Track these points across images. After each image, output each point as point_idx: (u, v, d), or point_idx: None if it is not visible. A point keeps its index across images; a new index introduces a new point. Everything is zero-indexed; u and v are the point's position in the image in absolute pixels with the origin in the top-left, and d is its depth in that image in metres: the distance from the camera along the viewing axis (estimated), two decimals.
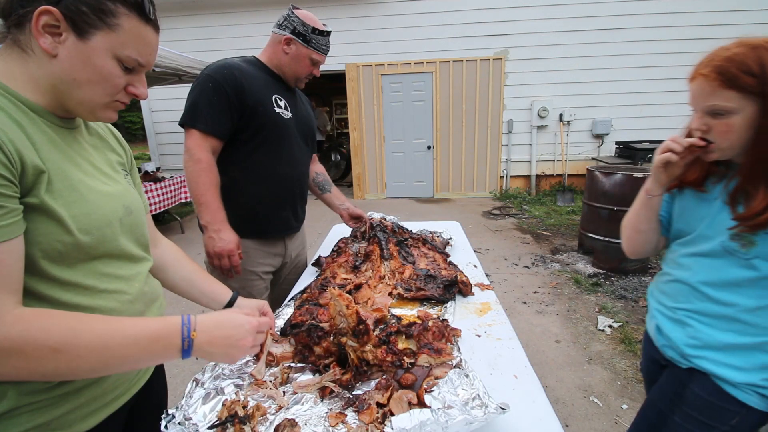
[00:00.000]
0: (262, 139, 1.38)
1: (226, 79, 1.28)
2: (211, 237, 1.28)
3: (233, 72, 1.30)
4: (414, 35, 6.28)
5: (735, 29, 5.78)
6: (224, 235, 1.29)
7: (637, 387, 2.07)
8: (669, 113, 6.15)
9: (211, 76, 1.28)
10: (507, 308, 2.90)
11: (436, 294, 1.27)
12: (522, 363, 0.98)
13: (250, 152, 1.38)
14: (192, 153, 1.26)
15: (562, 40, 6.06)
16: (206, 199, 1.27)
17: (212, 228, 1.28)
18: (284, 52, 1.39)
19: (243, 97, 1.30)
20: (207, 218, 1.27)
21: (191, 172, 1.26)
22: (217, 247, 1.28)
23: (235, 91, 1.28)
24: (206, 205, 1.27)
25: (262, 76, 1.40)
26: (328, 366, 0.92)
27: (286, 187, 1.48)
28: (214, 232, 1.28)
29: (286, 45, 1.37)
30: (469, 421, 0.68)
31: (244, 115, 1.32)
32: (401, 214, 5.43)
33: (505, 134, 6.54)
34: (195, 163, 1.26)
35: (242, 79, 1.30)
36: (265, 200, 1.44)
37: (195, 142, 1.26)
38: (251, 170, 1.39)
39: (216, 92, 1.26)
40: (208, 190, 1.27)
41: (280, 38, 1.38)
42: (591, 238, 3.56)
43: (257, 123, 1.35)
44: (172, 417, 0.76)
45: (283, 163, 1.44)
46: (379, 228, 1.66)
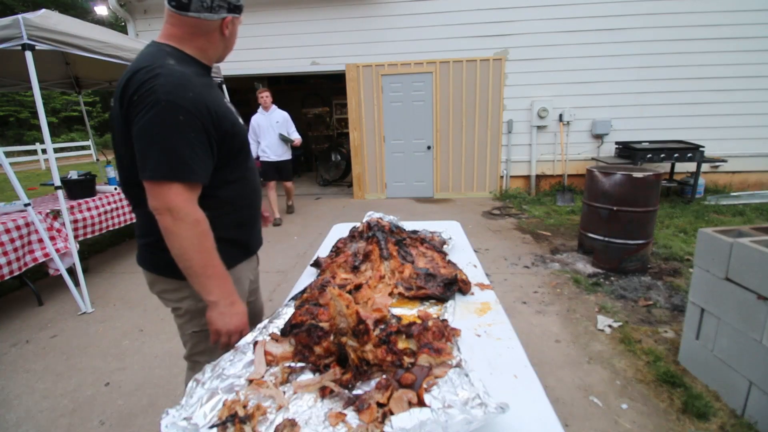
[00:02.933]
0: (239, 160, 1.17)
1: (198, 107, 0.98)
2: (224, 313, 1.05)
3: (200, 92, 1.00)
4: (414, 35, 6.28)
5: (735, 29, 5.79)
6: (238, 308, 1.08)
7: (637, 387, 2.07)
8: (669, 113, 6.16)
9: (179, 105, 0.95)
10: (507, 308, 2.89)
11: (437, 292, 1.28)
12: (522, 363, 0.98)
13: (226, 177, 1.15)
14: (183, 214, 0.97)
15: (562, 40, 6.06)
16: (215, 269, 1.02)
17: (225, 302, 1.05)
18: (222, 37, 1.12)
19: (219, 123, 1.04)
20: (218, 292, 1.03)
21: (189, 239, 0.98)
22: (231, 325, 1.06)
23: (212, 120, 1.02)
24: (216, 277, 1.03)
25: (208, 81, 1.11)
26: (328, 366, 0.92)
27: (259, 198, 1.32)
28: (228, 306, 1.05)
29: (226, 28, 1.11)
30: (469, 421, 0.68)
31: (223, 143, 1.08)
32: (401, 214, 5.43)
33: (505, 134, 6.54)
34: (193, 226, 0.98)
35: (210, 98, 1.04)
36: (248, 220, 1.27)
37: (183, 197, 0.97)
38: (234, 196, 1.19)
39: (191, 127, 0.97)
40: (215, 257, 1.03)
41: (215, 24, 1.08)
42: (591, 238, 3.56)
43: (234, 145, 1.12)
44: (172, 417, 0.76)
45: (254, 176, 1.27)
46: (377, 228, 1.66)
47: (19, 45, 2.74)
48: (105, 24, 17.15)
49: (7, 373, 2.41)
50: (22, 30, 2.70)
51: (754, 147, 6.21)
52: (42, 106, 2.83)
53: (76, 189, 3.76)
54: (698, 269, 2.11)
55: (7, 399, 2.17)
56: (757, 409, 1.77)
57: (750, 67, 5.89)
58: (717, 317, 1.98)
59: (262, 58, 6.56)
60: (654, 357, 2.26)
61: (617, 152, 6.15)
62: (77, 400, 2.14)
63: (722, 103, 6.07)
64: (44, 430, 1.95)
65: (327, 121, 10.16)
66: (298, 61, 6.59)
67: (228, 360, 0.97)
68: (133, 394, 2.18)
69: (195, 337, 1.23)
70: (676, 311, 2.78)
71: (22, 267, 3.03)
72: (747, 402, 1.82)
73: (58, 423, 1.99)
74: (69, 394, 2.19)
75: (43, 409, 2.09)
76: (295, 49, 6.52)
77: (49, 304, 3.30)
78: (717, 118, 6.13)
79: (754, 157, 6.24)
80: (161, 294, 1.21)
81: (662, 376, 2.10)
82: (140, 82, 0.95)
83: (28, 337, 2.80)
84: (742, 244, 1.83)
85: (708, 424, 1.81)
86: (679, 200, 5.85)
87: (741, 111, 6.07)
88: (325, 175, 8.53)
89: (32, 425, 1.98)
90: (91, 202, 3.78)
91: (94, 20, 15.83)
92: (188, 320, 1.21)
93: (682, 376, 2.09)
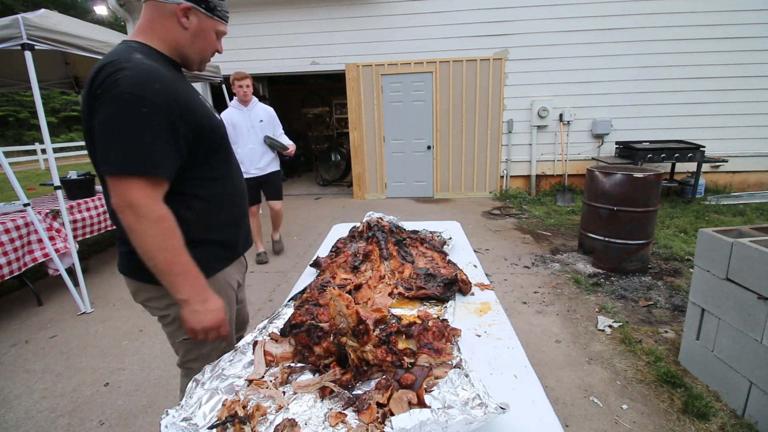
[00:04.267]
0: (218, 158, 1.12)
1: (164, 98, 0.93)
2: (196, 311, 1.00)
3: (167, 84, 0.95)
4: (414, 35, 6.28)
5: (735, 29, 5.79)
6: (211, 305, 1.03)
7: (637, 387, 2.07)
8: (669, 113, 6.16)
9: (143, 97, 0.90)
10: (507, 308, 2.90)
11: (437, 292, 1.27)
12: (522, 363, 0.98)
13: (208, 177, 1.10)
14: (145, 211, 0.92)
15: (562, 40, 6.06)
16: (181, 267, 0.97)
17: (196, 300, 1.00)
18: (182, 27, 1.04)
19: (188, 116, 0.99)
20: (188, 290, 0.99)
21: (152, 236, 0.93)
22: (206, 322, 1.02)
23: (180, 113, 0.96)
24: (184, 275, 0.98)
25: (177, 75, 1.06)
26: (328, 366, 0.92)
27: (244, 198, 1.27)
28: (200, 303, 1.00)
29: (184, 17, 1.03)
30: (469, 421, 0.68)
31: (199, 140, 1.02)
32: (401, 214, 5.43)
33: (505, 134, 6.54)
34: (155, 223, 0.93)
35: (179, 91, 0.98)
36: (234, 221, 1.22)
37: (146, 193, 0.92)
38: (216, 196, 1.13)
39: (156, 120, 0.92)
40: (182, 254, 0.97)
41: (171, 8, 1.01)
42: (591, 238, 3.56)
43: (210, 141, 1.07)
44: (172, 417, 0.76)
45: (237, 174, 1.23)
46: (377, 228, 1.66)
47: (18, 45, 2.73)
48: (105, 24, 17.15)
49: (6, 373, 2.41)
50: (21, 30, 2.70)
51: (755, 147, 6.21)
52: (41, 106, 2.83)
53: (75, 189, 3.76)
54: (698, 269, 2.11)
55: (6, 399, 2.17)
56: (758, 409, 1.76)
57: (750, 67, 5.89)
58: (717, 317, 1.98)
59: (262, 58, 6.56)
60: (654, 357, 2.26)
61: (617, 152, 6.15)
62: (77, 401, 2.14)
63: (722, 103, 6.07)
64: (44, 430, 1.94)
65: (327, 121, 10.16)
66: (298, 61, 6.58)
67: (228, 360, 0.97)
68: (132, 394, 2.18)
69: (186, 344, 1.20)
70: (677, 311, 2.78)
71: (21, 267, 3.03)
72: (747, 402, 1.82)
73: (57, 423, 1.98)
74: (68, 395, 2.19)
75: (42, 409, 2.09)
76: (295, 49, 6.52)
77: (48, 305, 3.30)
78: (717, 118, 6.13)
79: (755, 157, 6.24)
80: (146, 302, 1.16)
81: (662, 377, 2.09)
82: (105, 76, 0.92)
83: (27, 337, 2.80)
84: (742, 244, 1.83)
85: (708, 424, 1.81)
86: (680, 200, 5.85)
87: (741, 111, 6.06)
88: (325, 175, 8.53)
89: (32, 425, 1.97)
90: (91, 202, 3.78)
91: (93, 20, 15.83)
92: (177, 328, 1.16)
93: (682, 376, 2.09)
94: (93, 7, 21.42)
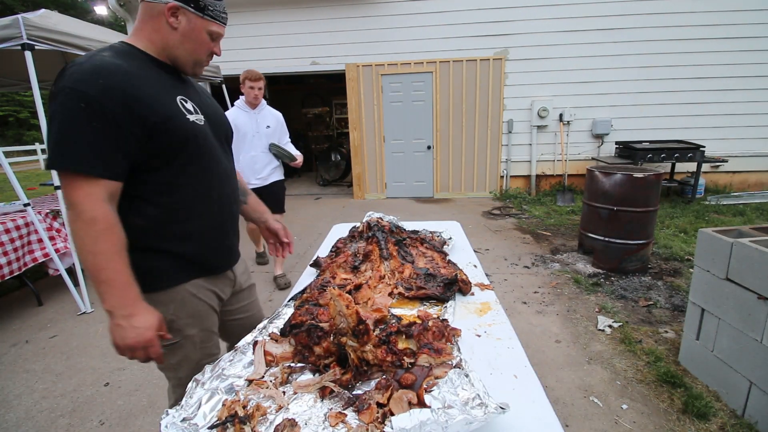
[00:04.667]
0: (183, 162, 1.04)
1: (107, 93, 0.89)
2: (120, 325, 0.92)
3: (116, 79, 0.91)
4: (414, 35, 6.28)
5: (735, 29, 5.79)
6: (138, 321, 0.93)
7: (637, 387, 2.07)
8: (669, 113, 6.16)
9: (82, 92, 0.87)
10: (507, 308, 2.90)
11: (437, 292, 1.27)
12: (522, 363, 0.98)
13: (169, 180, 1.03)
14: (79, 210, 0.88)
15: (562, 40, 6.06)
16: (108, 274, 0.90)
17: (120, 313, 0.92)
18: (171, 27, 1.01)
19: (139, 113, 0.93)
20: (112, 301, 0.91)
21: (83, 237, 0.89)
22: (129, 339, 0.93)
23: (125, 109, 0.91)
24: (109, 283, 0.91)
25: (152, 74, 1.01)
26: (328, 366, 0.92)
27: (226, 209, 1.18)
28: (124, 318, 0.92)
29: (172, 17, 1.00)
30: (469, 421, 0.68)
31: (148, 137, 0.96)
32: (401, 214, 5.43)
33: (505, 134, 6.54)
34: (87, 224, 0.88)
35: (131, 86, 0.93)
36: (203, 234, 1.12)
37: (82, 192, 0.88)
38: (177, 202, 1.05)
39: (94, 115, 0.87)
40: (112, 261, 0.91)
41: (159, 8, 0.99)
42: (591, 238, 3.56)
43: (170, 143, 1.00)
44: (172, 417, 0.76)
45: (215, 183, 1.13)
46: (377, 228, 1.66)
47: (18, 45, 2.73)
48: (105, 24, 17.16)
49: (6, 373, 2.41)
50: (21, 30, 2.70)
51: (755, 147, 6.21)
52: (42, 106, 2.82)
53: None
54: (698, 269, 2.11)
55: (6, 399, 2.17)
56: (758, 409, 1.77)
57: (750, 67, 5.89)
58: (717, 317, 1.98)
59: (262, 58, 6.56)
60: (654, 357, 2.26)
61: (617, 152, 6.15)
62: (77, 401, 2.14)
63: (722, 103, 6.07)
64: (44, 430, 1.95)
65: (327, 121, 10.16)
66: (298, 61, 6.58)
67: (228, 360, 0.97)
68: (132, 394, 2.18)
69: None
70: (677, 311, 2.78)
71: (21, 267, 3.03)
72: (747, 402, 1.82)
73: (57, 423, 1.99)
74: (68, 395, 2.19)
75: (42, 409, 2.09)
76: (295, 49, 6.52)
77: (48, 305, 3.30)
78: (717, 118, 6.13)
79: (755, 157, 6.24)
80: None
81: (662, 377, 2.09)
82: (60, 73, 0.92)
83: (27, 337, 2.80)
84: (742, 244, 1.83)
85: (708, 424, 1.81)
86: (680, 200, 5.85)
87: (741, 111, 6.06)
88: (325, 175, 8.53)
89: (32, 425, 1.98)
90: None
91: (93, 20, 15.84)
92: None
93: (682, 376, 2.09)
94: (93, 7, 21.43)
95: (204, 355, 1.19)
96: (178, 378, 1.20)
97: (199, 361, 1.18)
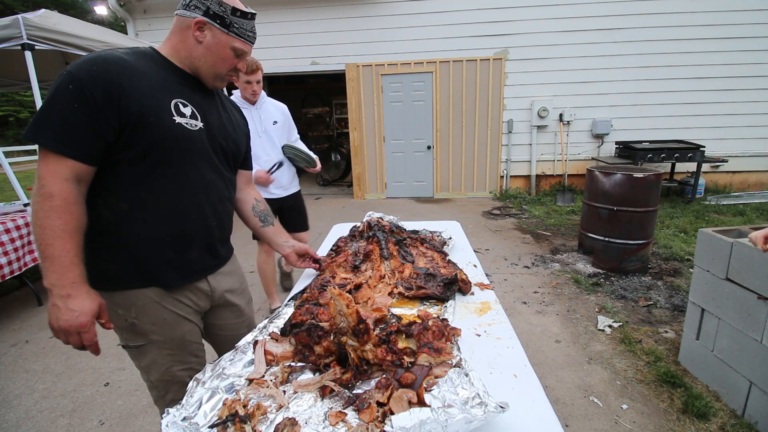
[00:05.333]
0: (157, 160, 1.02)
1: (95, 79, 0.92)
2: (56, 305, 0.91)
3: (108, 68, 0.94)
4: (414, 35, 6.28)
5: (735, 29, 5.79)
6: (74, 304, 0.92)
7: (637, 387, 2.07)
8: (669, 113, 6.16)
9: (74, 75, 0.91)
10: (507, 308, 2.90)
11: (437, 292, 1.27)
12: (522, 362, 0.98)
13: (140, 178, 1.02)
14: (40, 184, 0.90)
15: (562, 40, 6.06)
16: (53, 251, 0.90)
17: (58, 293, 0.91)
18: (197, 41, 1.05)
19: (120, 102, 0.94)
20: (52, 279, 0.90)
21: (36, 211, 0.90)
22: (62, 321, 0.91)
23: (107, 96, 0.92)
24: (52, 260, 0.90)
25: (158, 74, 1.04)
26: (329, 365, 0.92)
27: (196, 220, 1.12)
28: (60, 298, 0.91)
29: (198, 31, 1.04)
30: (468, 420, 0.68)
31: (126, 128, 0.96)
32: (401, 214, 5.43)
33: (505, 134, 6.54)
34: (43, 199, 0.89)
35: (121, 77, 0.95)
36: (165, 241, 1.08)
37: (48, 168, 0.90)
38: (143, 202, 1.03)
39: (78, 98, 0.90)
40: (59, 238, 0.90)
41: (188, 22, 1.04)
42: (591, 238, 3.56)
43: (146, 138, 0.99)
44: (172, 416, 0.76)
45: (189, 190, 1.09)
46: (377, 227, 1.66)
47: (18, 45, 2.74)
48: (105, 24, 17.15)
49: (6, 373, 2.41)
50: (21, 30, 2.70)
51: (755, 147, 6.21)
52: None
53: None
54: (698, 269, 2.11)
55: (6, 399, 2.17)
56: (758, 409, 1.77)
57: (750, 67, 5.90)
58: (717, 317, 1.98)
59: (262, 58, 6.47)
60: (654, 357, 2.26)
61: (617, 152, 6.15)
62: (77, 400, 2.14)
63: (722, 103, 6.07)
64: (44, 430, 1.95)
65: (327, 121, 10.16)
66: (298, 61, 6.59)
67: (228, 359, 0.97)
68: (132, 394, 2.18)
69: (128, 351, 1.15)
70: (677, 311, 2.78)
71: (22, 267, 3.03)
72: (747, 402, 1.82)
73: (57, 423, 1.99)
74: (68, 394, 2.19)
75: (42, 409, 2.09)
76: (295, 49, 6.52)
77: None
78: (717, 118, 6.13)
79: (755, 157, 6.24)
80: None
81: (662, 377, 2.09)
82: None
83: (27, 337, 2.80)
84: (742, 244, 1.83)
85: (708, 424, 1.81)
86: (680, 200, 5.85)
87: (741, 111, 6.07)
88: (325, 175, 8.53)
89: (32, 425, 1.98)
90: None
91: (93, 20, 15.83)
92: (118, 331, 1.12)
93: (682, 376, 2.09)
94: (93, 7, 21.43)
95: (175, 362, 1.16)
96: (150, 381, 1.18)
97: (169, 367, 1.15)
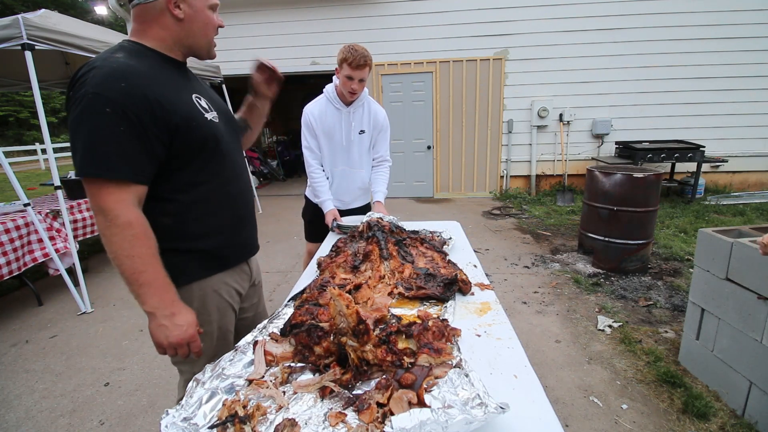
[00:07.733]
0: (203, 161, 1.05)
1: (131, 97, 0.89)
2: (163, 325, 0.96)
3: (137, 83, 0.91)
4: (414, 35, 6.28)
5: (735, 29, 5.79)
6: (180, 319, 0.97)
7: (637, 387, 2.07)
8: (669, 113, 6.16)
9: (107, 97, 0.87)
10: (507, 308, 2.90)
11: (437, 292, 1.27)
12: (522, 363, 0.97)
13: (192, 179, 1.04)
14: (112, 216, 0.89)
15: (562, 40, 6.06)
16: (147, 277, 0.92)
17: (162, 314, 0.95)
18: (177, 19, 1.00)
19: (164, 116, 0.93)
20: (153, 302, 0.94)
21: (119, 242, 0.90)
22: (172, 338, 0.97)
23: (149, 113, 0.91)
24: (149, 285, 0.93)
25: (165, 73, 1.00)
26: (328, 366, 0.92)
27: (240, 204, 1.20)
28: (166, 318, 0.96)
29: (176, 8, 0.98)
30: (468, 421, 0.68)
31: (174, 139, 0.97)
32: (401, 214, 5.42)
33: (505, 134, 6.54)
34: (122, 229, 0.90)
35: (151, 88, 0.93)
36: (223, 229, 1.14)
37: (113, 197, 0.89)
38: (198, 201, 1.07)
39: (122, 120, 0.88)
40: (150, 264, 0.93)
41: (160, 5, 0.98)
42: (591, 238, 3.56)
43: (193, 144, 1.00)
44: (172, 417, 0.76)
45: (231, 180, 1.16)
46: (377, 228, 1.66)
47: (18, 45, 2.73)
48: (105, 24, 17.17)
49: (6, 373, 2.41)
50: (22, 30, 2.70)
51: (755, 147, 6.21)
52: (42, 106, 2.83)
53: (75, 189, 3.76)
54: (698, 269, 2.11)
55: (6, 399, 2.17)
56: (758, 409, 1.77)
57: (750, 67, 5.89)
58: (717, 317, 1.98)
59: None
60: (654, 357, 2.26)
61: (617, 152, 6.15)
62: (77, 400, 2.14)
63: (722, 103, 6.07)
64: (44, 430, 1.95)
65: None
66: (298, 61, 6.58)
67: (228, 360, 0.97)
68: (132, 394, 2.18)
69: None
70: (677, 311, 2.78)
71: (21, 267, 3.03)
72: (747, 402, 1.82)
73: (57, 423, 1.99)
74: (69, 394, 2.19)
75: (42, 409, 2.09)
76: (295, 49, 6.52)
77: (48, 304, 3.30)
78: (717, 118, 6.13)
79: (755, 157, 6.24)
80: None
81: (662, 377, 2.09)
82: (78, 77, 0.91)
83: (27, 337, 2.80)
84: (742, 244, 1.83)
85: (708, 424, 1.81)
86: (680, 200, 5.85)
87: (741, 111, 6.07)
88: None
89: (32, 425, 1.98)
90: None
91: (93, 20, 15.84)
92: None
93: (682, 376, 2.09)
94: (93, 7, 21.43)
95: (218, 352, 1.21)
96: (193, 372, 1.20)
97: (212, 357, 1.19)
